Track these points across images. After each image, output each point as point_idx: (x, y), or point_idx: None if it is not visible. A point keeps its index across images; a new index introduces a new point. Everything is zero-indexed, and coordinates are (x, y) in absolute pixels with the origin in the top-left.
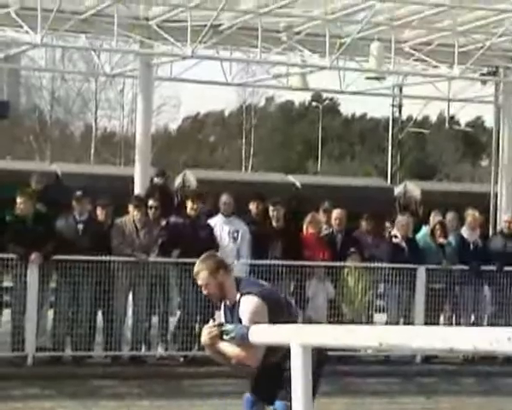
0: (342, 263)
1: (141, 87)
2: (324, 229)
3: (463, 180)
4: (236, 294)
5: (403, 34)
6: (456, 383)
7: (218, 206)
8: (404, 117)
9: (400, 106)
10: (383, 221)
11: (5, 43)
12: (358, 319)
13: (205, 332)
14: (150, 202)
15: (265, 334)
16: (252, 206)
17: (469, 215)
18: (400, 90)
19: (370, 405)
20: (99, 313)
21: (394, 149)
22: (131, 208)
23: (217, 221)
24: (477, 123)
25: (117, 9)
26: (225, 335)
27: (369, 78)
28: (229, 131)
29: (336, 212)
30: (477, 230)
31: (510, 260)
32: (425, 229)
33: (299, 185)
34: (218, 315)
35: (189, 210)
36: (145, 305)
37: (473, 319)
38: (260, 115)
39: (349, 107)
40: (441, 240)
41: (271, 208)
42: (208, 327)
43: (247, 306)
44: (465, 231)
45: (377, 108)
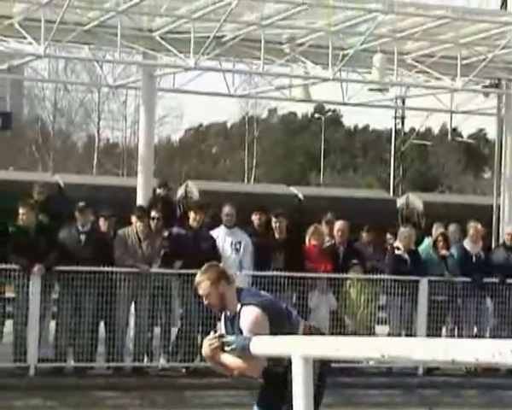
0: (344, 275)
1: (144, 98)
2: (327, 241)
3: (466, 192)
4: (237, 305)
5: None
6: (458, 395)
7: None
8: (407, 129)
9: (403, 118)
10: (384, 233)
11: (8, 54)
12: (360, 331)
13: (206, 344)
14: (153, 213)
15: (267, 345)
16: (254, 217)
17: (472, 227)
18: (403, 101)
19: None
20: (101, 324)
21: (397, 161)
22: (134, 219)
23: (219, 232)
24: (479, 135)
25: (120, 21)
26: (226, 346)
27: (372, 89)
28: (231, 142)
29: (339, 224)
30: (479, 242)
31: None
32: (427, 241)
33: (301, 197)
34: (220, 327)
35: (192, 221)
36: (147, 316)
37: (475, 332)
38: (263, 127)
39: (351, 118)
40: (443, 252)
41: (274, 220)
42: (209, 339)
43: (248, 317)
44: (467, 244)
45: (380, 120)
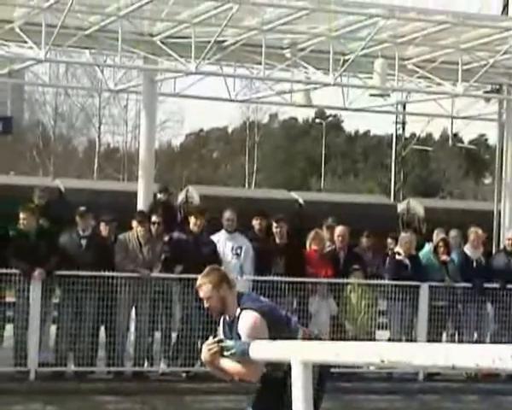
0: (345, 280)
1: (144, 103)
2: (327, 246)
3: (466, 198)
4: (237, 309)
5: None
6: (458, 400)
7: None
8: (408, 134)
9: (403, 123)
10: (385, 238)
11: (9, 58)
12: (361, 336)
13: (205, 349)
14: (153, 218)
15: (266, 350)
16: (255, 222)
17: (472, 233)
18: (404, 107)
19: None
20: (102, 329)
21: (397, 167)
22: (135, 224)
23: (220, 237)
24: (480, 140)
25: (121, 25)
26: (226, 351)
27: (373, 95)
28: (232, 147)
29: (339, 229)
30: (480, 247)
31: None
32: (428, 246)
33: (302, 202)
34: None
35: (192, 226)
36: (148, 321)
37: (475, 337)
38: (264, 132)
39: (352, 124)
40: (444, 257)
41: (274, 225)
42: (208, 344)
43: (246, 321)
44: (468, 249)
45: (381, 125)
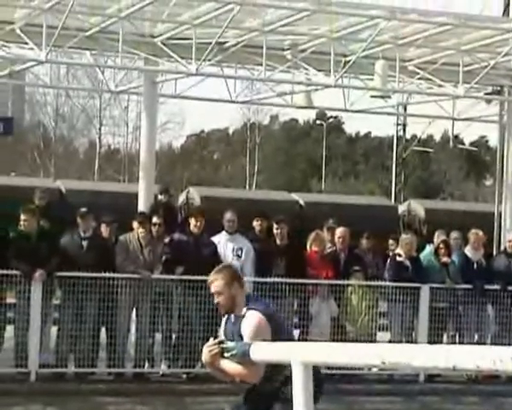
0: (346, 281)
1: (145, 104)
2: (328, 247)
3: (467, 199)
4: (243, 309)
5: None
6: (459, 402)
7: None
8: (409, 136)
9: (404, 125)
10: (386, 240)
11: (10, 59)
12: (361, 338)
13: (205, 350)
14: (154, 219)
15: (267, 351)
16: (255, 223)
17: (473, 234)
18: (405, 108)
19: None
20: (102, 330)
21: (398, 168)
22: (136, 225)
23: (220, 238)
24: (481, 142)
25: (122, 26)
26: (226, 352)
27: (374, 96)
28: (233, 148)
29: (340, 230)
30: (481, 249)
31: None
32: (429, 248)
33: (302, 203)
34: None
35: (193, 227)
36: (148, 322)
37: (476, 339)
38: (264, 133)
39: (353, 125)
40: (445, 259)
41: (275, 226)
42: (209, 345)
43: (251, 322)
44: (469, 251)
45: (381, 127)
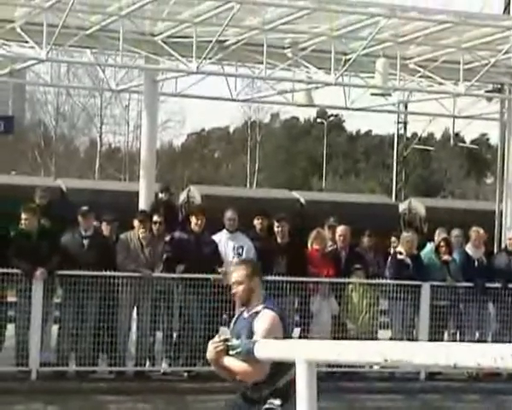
0: (346, 279)
1: (146, 103)
2: (329, 245)
3: (468, 197)
4: (260, 306)
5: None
6: (460, 400)
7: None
8: (409, 134)
9: (405, 123)
10: (386, 238)
11: (10, 58)
12: (362, 336)
13: (210, 347)
14: (155, 218)
15: (271, 349)
16: (256, 222)
17: (474, 232)
18: (405, 106)
19: None
20: (103, 329)
21: (399, 166)
22: (136, 224)
23: (221, 237)
24: (482, 140)
25: (122, 25)
26: (231, 350)
27: (375, 94)
28: (233, 147)
29: (340, 228)
30: (481, 247)
31: None
32: (429, 246)
33: (303, 202)
34: (223, 331)
35: (194, 226)
36: (149, 320)
37: (477, 337)
38: (265, 132)
39: (354, 123)
40: (446, 257)
41: (276, 224)
42: (214, 342)
43: (266, 320)
44: (470, 249)
45: (382, 125)
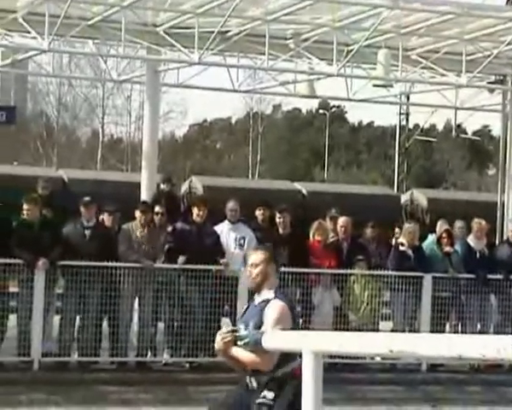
0: (348, 271)
1: (148, 93)
2: (331, 237)
3: (470, 189)
4: (271, 294)
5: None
6: (461, 391)
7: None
8: (411, 125)
9: (407, 114)
10: (388, 229)
11: (12, 48)
12: (364, 327)
13: (218, 338)
14: (157, 209)
15: (278, 340)
16: (258, 213)
17: (476, 224)
18: (407, 98)
19: None
20: (105, 319)
21: (401, 158)
22: (138, 214)
23: (223, 228)
24: (484, 131)
25: (124, 15)
26: (239, 340)
27: (377, 85)
28: (235, 138)
29: (342, 220)
30: (483, 239)
31: None
32: (431, 237)
33: (305, 193)
34: (225, 322)
35: (195, 216)
36: (151, 311)
37: (479, 328)
38: (267, 123)
39: (356, 115)
40: (448, 248)
41: (278, 215)
42: (222, 333)
43: (276, 309)
44: (471, 240)
45: (384, 116)
